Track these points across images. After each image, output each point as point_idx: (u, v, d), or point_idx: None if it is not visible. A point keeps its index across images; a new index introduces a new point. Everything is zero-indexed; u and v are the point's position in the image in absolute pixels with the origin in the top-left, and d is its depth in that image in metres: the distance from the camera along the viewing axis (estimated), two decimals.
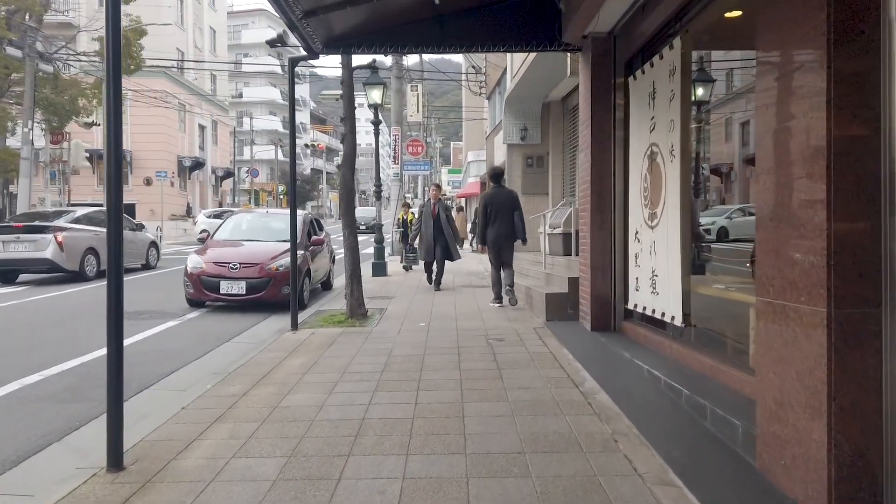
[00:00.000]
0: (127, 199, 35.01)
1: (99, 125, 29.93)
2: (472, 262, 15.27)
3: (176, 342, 7.06)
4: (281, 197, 58.81)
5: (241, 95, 64.82)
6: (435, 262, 10.72)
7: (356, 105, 7.99)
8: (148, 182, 34.58)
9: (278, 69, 63.43)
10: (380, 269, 12.96)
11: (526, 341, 6.35)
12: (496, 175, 9.25)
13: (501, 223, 8.54)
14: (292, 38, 6.66)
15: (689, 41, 4.96)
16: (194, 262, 9.27)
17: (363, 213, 45.96)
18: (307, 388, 4.71)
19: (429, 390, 4.60)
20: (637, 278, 6.12)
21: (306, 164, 70.50)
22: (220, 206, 43.81)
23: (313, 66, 63.33)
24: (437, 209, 10.47)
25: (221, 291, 9.01)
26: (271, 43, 6.86)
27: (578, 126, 11.87)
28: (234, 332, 7.67)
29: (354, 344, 6.35)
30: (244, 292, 9.00)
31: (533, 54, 10.02)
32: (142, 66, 23.62)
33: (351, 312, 7.80)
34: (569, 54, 8.80)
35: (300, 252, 9.62)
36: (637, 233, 6.12)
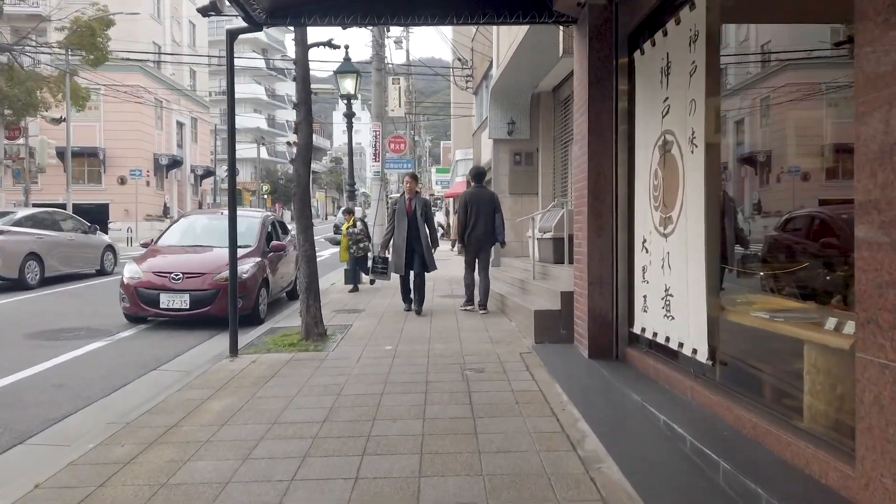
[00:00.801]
0: (100, 199, 33.70)
1: (65, 120, 28.62)
2: (455, 266, 14.10)
3: (91, 371, 5.88)
4: (265, 197, 57.50)
5: (224, 92, 63.36)
6: (413, 278, 8.36)
7: (322, 92, 6.82)
8: (122, 181, 33.18)
9: (262, 64, 62.14)
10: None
11: (510, 372, 5.22)
12: (478, 175, 8.71)
13: (482, 224, 8.22)
14: (228, 7, 5.50)
15: None
16: (131, 271, 8.08)
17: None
18: (216, 452, 3.55)
19: (378, 454, 3.45)
20: (645, 297, 5.01)
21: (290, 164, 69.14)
22: (200, 206, 42.45)
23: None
24: (414, 206, 8.20)
25: (161, 306, 7.82)
26: (203, 11, 5.64)
27: (572, 116, 10.76)
28: (166, 356, 6.49)
29: (300, 376, 5.20)
30: (188, 307, 7.81)
31: (521, 35, 8.90)
32: (108, 57, 22.28)
33: (306, 332, 6.64)
34: (561, 28, 7.70)
35: (255, 259, 8.47)
36: (645, 241, 5.00)
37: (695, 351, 4.07)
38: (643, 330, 5.04)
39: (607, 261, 5.52)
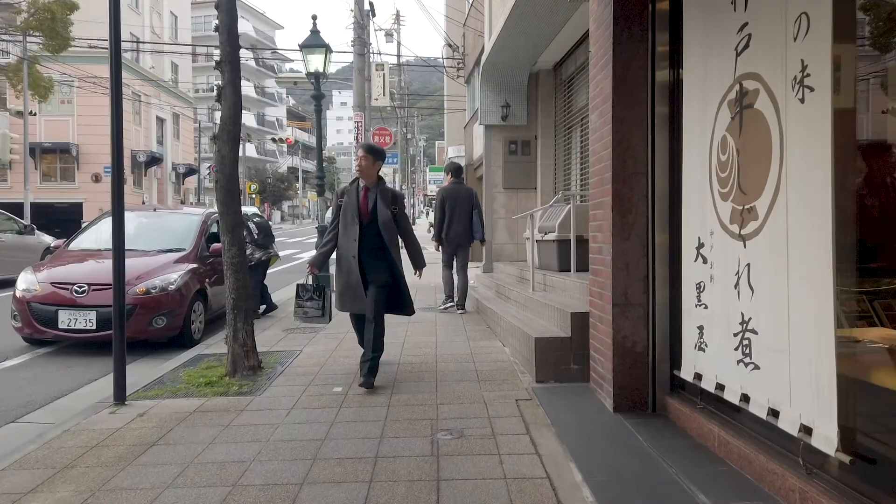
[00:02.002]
0: (74, 198, 31.91)
1: (35, 114, 26.93)
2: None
3: None
4: (253, 196, 55.73)
5: (212, 89, 61.57)
6: (368, 320, 4.72)
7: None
8: (96, 179, 31.47)
9: (252, 62, 60.35)
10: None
11: (502, 437, 3.58)
12: (455, 170, 8.41)
13: (459, 221, 7.98)
14: None
15: None
16: (26, 282, 6.41)
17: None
18: None
19: None
20: (701, 328, 3.38)
21: (282, 162, 67.45)
22: (182, 205, 40.66)
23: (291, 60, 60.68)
24: (374, 200, 4.76)
25: (61, 326, 6.15)
26: None
27: (576, 95, 9.12)
28: (43, 398, 4.85)
29: (195, 444, 3.55)
30: (94, 327, 6.15)
31: None
32: (69, 44, 20.56)
33: (233, 367, 4.99)
34: None
35: (188, 267, 6.83)
36: (701, 246, 3.38)
37: (807, 430, 2.45)
38: (698, 377, 3.41)
39: (639, 273, 3.90)
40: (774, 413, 2.69)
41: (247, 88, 61.99)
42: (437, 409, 4.10)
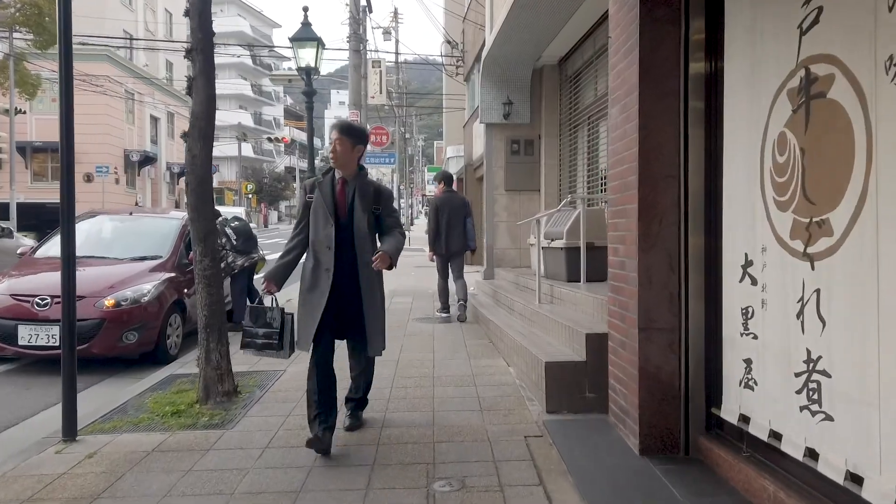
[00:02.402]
0: None
1: (24, 112, 26.36)
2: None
3: None
4: (249, 196, 55.16)
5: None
6: (350, 358, 3.88)
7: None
8: (88, 178, 30.81)
9: (248, 61, 59.72)
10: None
11: (509, 487, 3.03)
12: (447, 178, 8.30)
13: (454, 231, 7.87)
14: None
15: None
16: None
17: None
18: None
19: None
20: (750, 362, 2.84)
21: (279, 162, 66.83)
22: (177, 205, 40.05)
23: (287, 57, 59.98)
24: (352, 195, 3.63)
25: (20, 342, 5.59)
26: None
27: (581, 92, 8.59)
28: None
29: (145, 499, 3.00)
30: (58, 343, 5.57)
31: None
32: (53, 44, 19.94)
33: (205, 393, 4.44)
34: None
35: (163, 276, 6.28)
36: (749, 264, 2.83)
37: None
38: (744, 419, 2.87)
39: (669, 293, 3.35)
40: (856, 479, 2.15)
41: (244, 87, 61.47)
42: (433, 448, 3.55)
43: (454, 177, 8.98)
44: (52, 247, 6.94)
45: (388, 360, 5.64)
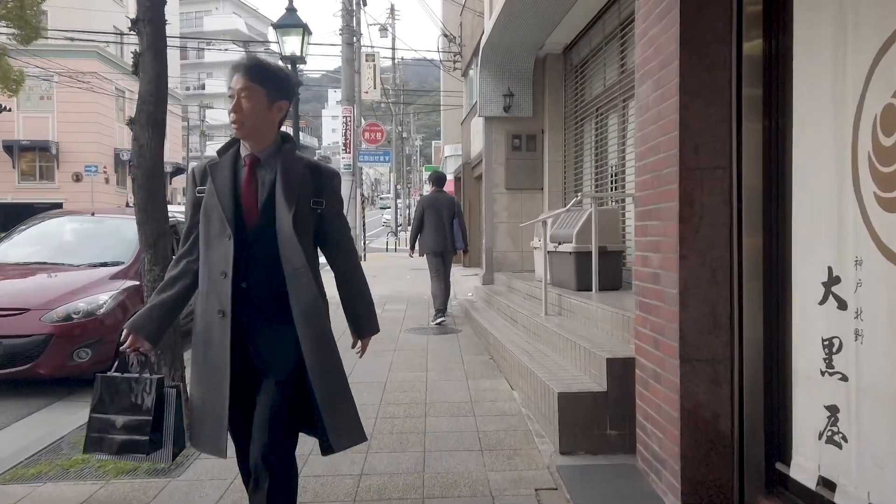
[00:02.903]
0: (53, 198, 30.55)
1: (9, 109, 25.64)
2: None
3: None
4: None
5: (203, 87, 60.33)
6: (256, 461, 2.08)
7: None
8: (77, 178, 30.13)
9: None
10: None
11: None
12: (438, 179, 8.15)
13: (439, 231, 7.73)
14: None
15: None
16: None
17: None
18: None
19: None
20: (835, 411, 2.15)
21: None
22: (169, 205, 39.25)
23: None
24: (268, 186, 2.14)
25: None
26: None
27: (584, 75, 7.81)
28: None
29: None
30: None
31: None
32: (40, 34, 19.24)
33: None
34: None
35: (123, 284, 5.63)
36: (835, 282, 2.14)
37: None
38: (828, 484, 2.19)
39: (718, 315, 2.67)
40: None
41: None
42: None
43: (446, 177, 8.81)
44: (3, 251, 6.24)
45: (375, 382, 4.97)
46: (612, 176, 7.31)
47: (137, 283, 5.83)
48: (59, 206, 29.63)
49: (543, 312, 5.45)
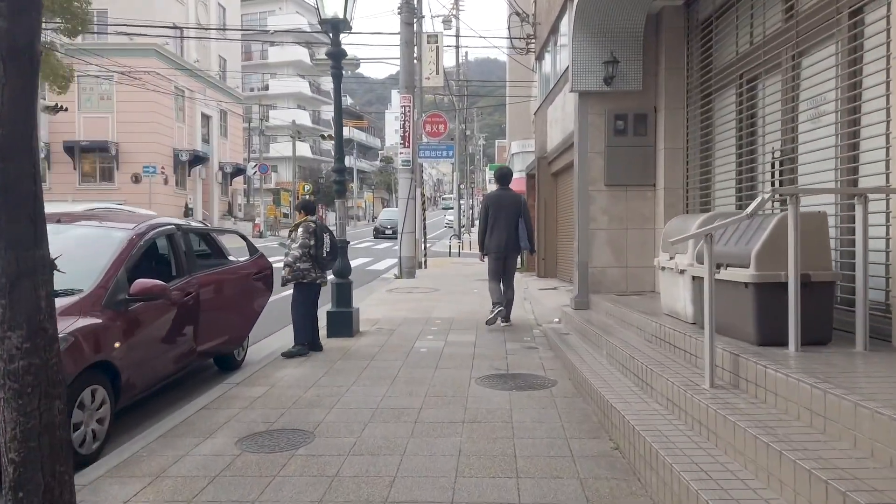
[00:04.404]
0: (113, 199, 30.10)
1: (66, 109, 25.16)
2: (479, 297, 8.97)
3: None
4: (308, 197, 53.76)
5: (266, 88, 60.13)
6: None
7: None
8: (136, 179, 29.63)
9: (306, 58, 58.42)
10: (341, 322, 7.05)
11: None
12: (502, 176, 7.75)
13: (504, 231, 7.31)
14: None
15: None
16: None
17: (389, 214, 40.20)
18: None
19: None
20: None
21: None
22: (230, 207, 38.76)
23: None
24: None
25: None
26: None
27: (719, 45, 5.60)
28: None
29: None
30: None
31: None
32: (87, 26, 18.28)
33: None
34: None
35: (80, 323, 3.88)
36: None
37: None
38: None
39: None
40: None
41: (302, 85, 60.25)
42: None
43: (512, 174, 8.24)
44: None
45: (438, 475, 3.02)
46: (772, 166, 5.13)
47: (98, 320, 4.10)
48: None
49: (707, 382, 3.36)
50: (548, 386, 5.00)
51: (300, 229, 6.28)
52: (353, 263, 19.98)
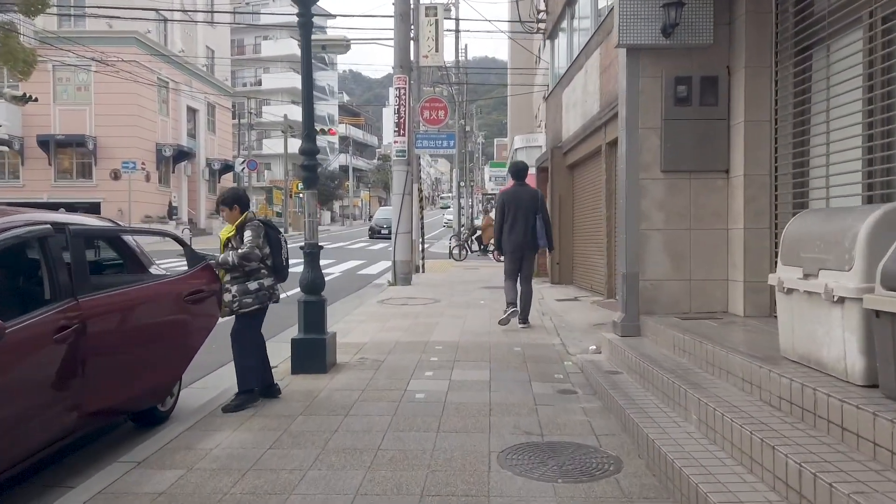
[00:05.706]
0: (91, 197, 28.13)
1: (36, 100, 23.36)
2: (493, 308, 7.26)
3: None
4: (301, 196, 51.96)
5: (260, 83, 58.33)
6: None
7: None
8: (115, 175, 27.80)
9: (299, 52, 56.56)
10: (310, 354, 5.30)
11: None
12: (518, 171, 7.55)
13: (520, 228, 7.13)
14: None
15: None
16: None
17: (384, 214, 38.47)
18: None
19: None
20: None
21: (332, 160, 63.69)
22: (217, 206, 36.96)
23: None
24: None
25: None
26: None
27: None
28: None
29: None
30: None
31: None
32: (47, 5, 16.47)
33: None
34: None
35: None
36: None
37: None
38: None
39: None
40: None
41: (296, 79, 58.42)
42: None
43: (528, 169, 7.92)
44: None
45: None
46: None
47: None
48: (97, 206, 27.40)
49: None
50: (609, 471, 3.26)
51: (247, 231, 4.50)
52: (345, 266, 18.12)
